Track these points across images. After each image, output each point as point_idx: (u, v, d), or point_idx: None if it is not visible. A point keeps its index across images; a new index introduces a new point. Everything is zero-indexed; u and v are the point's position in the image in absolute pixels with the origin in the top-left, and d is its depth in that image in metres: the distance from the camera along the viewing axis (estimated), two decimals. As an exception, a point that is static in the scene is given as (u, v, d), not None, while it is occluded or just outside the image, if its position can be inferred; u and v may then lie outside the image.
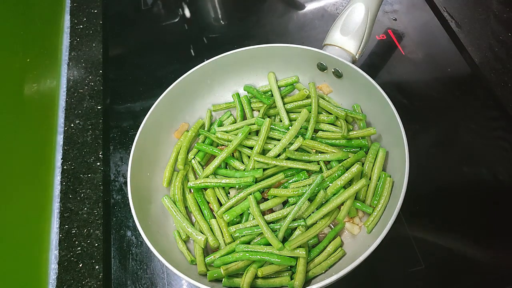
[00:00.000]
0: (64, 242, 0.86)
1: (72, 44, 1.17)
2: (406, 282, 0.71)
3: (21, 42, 1.00)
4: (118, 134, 0.97)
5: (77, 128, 1.01)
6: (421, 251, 0.72)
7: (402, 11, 1.05)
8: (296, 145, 0.75)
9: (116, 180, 0.91)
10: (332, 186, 0.69)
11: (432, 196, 0.78)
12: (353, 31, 0.80)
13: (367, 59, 0.97)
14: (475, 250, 0.72)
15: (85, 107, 1.04)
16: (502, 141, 0.83)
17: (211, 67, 0.84)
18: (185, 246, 0.72)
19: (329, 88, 0.85)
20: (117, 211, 0.86)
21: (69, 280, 0.81)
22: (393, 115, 0.69)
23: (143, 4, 1.22)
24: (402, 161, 0.65)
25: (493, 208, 0.76)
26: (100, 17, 1.22)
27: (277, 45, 0.82)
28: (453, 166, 0.81)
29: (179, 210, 0.75)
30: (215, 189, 0.76)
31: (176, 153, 0.82)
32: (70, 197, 0.91)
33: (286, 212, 0.68)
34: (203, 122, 0.87)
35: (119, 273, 0.79)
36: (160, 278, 0.78)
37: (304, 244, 0.67)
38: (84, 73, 1.11)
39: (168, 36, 1.14)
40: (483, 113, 0.87)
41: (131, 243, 0.82)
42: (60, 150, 0.98)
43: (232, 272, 0.66)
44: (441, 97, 0.90)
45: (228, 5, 1.18)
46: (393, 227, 0.59)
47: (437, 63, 0.94)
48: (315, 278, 0.66)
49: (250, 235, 0.70)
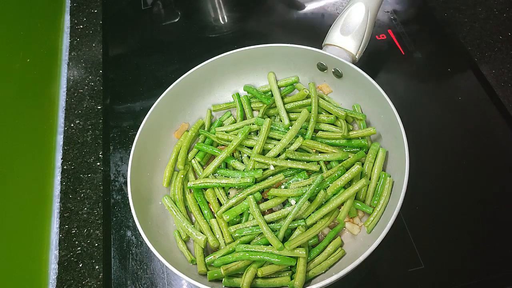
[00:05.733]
0: (64, 242, 0.86)
1: (72, 44, 1.17)
2: (406, 282, 0.71)
3: (21, 42, 1.00)
4: (118, 134, 0.97)
5: (77, 128, 1.01)
6: (421, 251, 0.72)
7: (402, 11, 1.05)
8: (296, 145, 0.75)
9: (116, 180, 0.91)
10: (332, 186, 0.69)
11: (432, 196, 0.78)
12: (353, 31, 0.80)
13: (367, 59, 0.97)
14: (475, 250, 0.72)
15: (85, 107, 1.04)
16: (502, 141, 0.83)
17: (211, 67, 0.84)
18: (185, 246, 0.72)
19: (329, 88, 0.85)
20: (117, 211, 0.86)
21: (69, 280, 0.81)
22: (393, 115, 0.69)
23: (143, 4, 1.22)
24: (402, 161, 0.65)
25: (493, 208, 0.76)
26: (100, 17, 1.22)
27: (277, 45, 0.82)
28: (453, 166, 0.81)
29: (179, 210, 0.75)
30: (215, 189, 0.76)
31: (176, 153, 0.82)
32: (70, 197, 0.91)
33: (286, 212, 0.68)
34: (203, 122, 0.87)
35: (119, 273, 0.79)
36: (160, 278, 0.78)
37: (304, 244, 0.67)
38: (84, 73, 1.11)
39: (168, 36, 1.14)
40: (483, 113, 0.87)
41: (131, 243, 0.82)
42: (60, 150, 0.98)
43: (232, 272, 0.66)
44: (441, 97, 0.90)
45: (228, 5, 1.18)
46: (393, 227, 0.59)
47: (437, 63, 0.95)
48: (315, 278, 0.66)
49: (250, 235, 0.70)
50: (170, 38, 1.13)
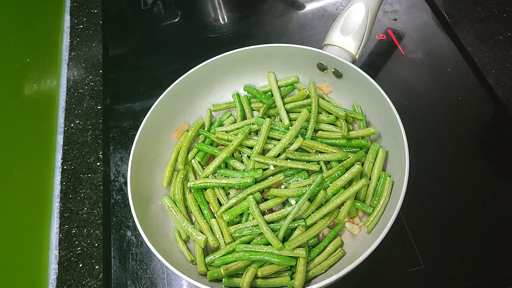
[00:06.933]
0: (64, 242, 0.86)
1: (72, 44, 1.17)
2: (406, 282, 0.71)
3: (21, 42, 1.00)
4: (118, 134, 0.97)
5: (77, 128, 1.01)
6: (421, 251, 0.72)
7: (402, 11, 1.05)
8: (296, 145, 0.75)
9: (116, 180, 0.91)
10: (332, 186, 0.69)
11: (432, 196, 0.78)
12: (353, 31, 0.80)
13: (367, 59, 0.97)
14: (475, 250, 0.72)
15: (85, 107, 1.04)
16: (502, 142, 0.83)
17: (211, 67, 0.84)
18: (185, 246, 0.72)
19: (329, 88, 0.85)
20: (117, 211, 0.86)
21: (69, 280, 0.81)
22: (393, 115, 0.69)
23: (143, 4, 1.22)
24: (402, 161, 0.65)
25: (493, 208, 0.76)
26: (100, 17, 1.22)
27: (277, 45, 0.82)
28: (453, 166, 0.81)
29: (179, 210, 0.75)
30: (215, 189, 0.76)
31: (176, 153, 0.82)
32: (70, 197, 0.91)
33: (286, 212, 0.68)
34: (203, 122, 0.87)
35: (119, 273, 0.79)
36: (160, 278, 0.78)
37: (304, 244, 0.67)
38: (84, 73, 1.11)
39: (168, 36, 1.14)
40: (483, 113, 0.87)
41: (131, 243, 0.82)
42: (60, 150, 0.98)
43: (232, 272, 0.66)
44: (441, 97, 0.90)
45: (228, 5, 1.18)
46: (393, 227, 0.59)
47: (437, 63, 0.94)
48: (315, 278, 0.66)
49: (250, 235, 0.70)
50: (170, 38, 1.13)
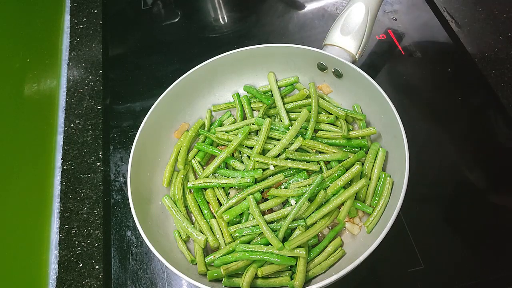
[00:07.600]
0: (64, 242, 0.86)
1: (72, 44, 1.17)
2: (406, 282, 0.71)
3: (21, 42, 1.00)
4: (118, 134, 0.97)
5: (77, 128, 1.01)
6: (421, 251, 0.72)
7: (402, 11, 1.05)
8: (296, 145, 0.75)
9: (116, 180, 0.91)
10: (332, 186, 0.69)
11: (432, 196, 0.78)
12: (353, 31, 0.80)
13: (367, 59, 0.97)
14: (475, 250, 0.72)
15: (85, 107, 1.04)
16: (502, 142, 0.83)
17: (211, 67, 0.84)
18: (185, 246, 0.72)
19: (329, 88, 0.85)
20: (117, 211, 0.86)
21: (69, 280, 0.81)
22: (393, 115, 0.69)
23: (143, 4, 1.22)
24: (402, 161, 0.65)
25: (493, 208, 0.76)
26: (100, 17, 1.22)
27: (277, 45, 0.82)
28: (453, 166, 0.81)
29: (179, 210, 0.75)
30: (215, 189, 0.76)
31: (176, 153, 0.82)
32: (70, 197, 0.91)
33: (286, 212, 0.68)
34: (203, 122, 0.87)
35: (119, 273, 0.79)
36: (160, 278, 0.78)
37: (304, 244, 0.67)
38: (84, 73, 1.11)
39: (168, 36, 1.14)
40: (483, 113, 0.87)
41: (131, 243, 0.82)
42: (60, 150, 0.98)
43: (232, 272, 0.66)
44: (441, 97, 0.90)
45: (228, 5, 1.18)
46: (393, 227, 0.59)
47: (437, 63, 0.95)
48: (315, 278, 0.66)
49: (250, 235, 0.70)
50: (170, 38, 1.13)
